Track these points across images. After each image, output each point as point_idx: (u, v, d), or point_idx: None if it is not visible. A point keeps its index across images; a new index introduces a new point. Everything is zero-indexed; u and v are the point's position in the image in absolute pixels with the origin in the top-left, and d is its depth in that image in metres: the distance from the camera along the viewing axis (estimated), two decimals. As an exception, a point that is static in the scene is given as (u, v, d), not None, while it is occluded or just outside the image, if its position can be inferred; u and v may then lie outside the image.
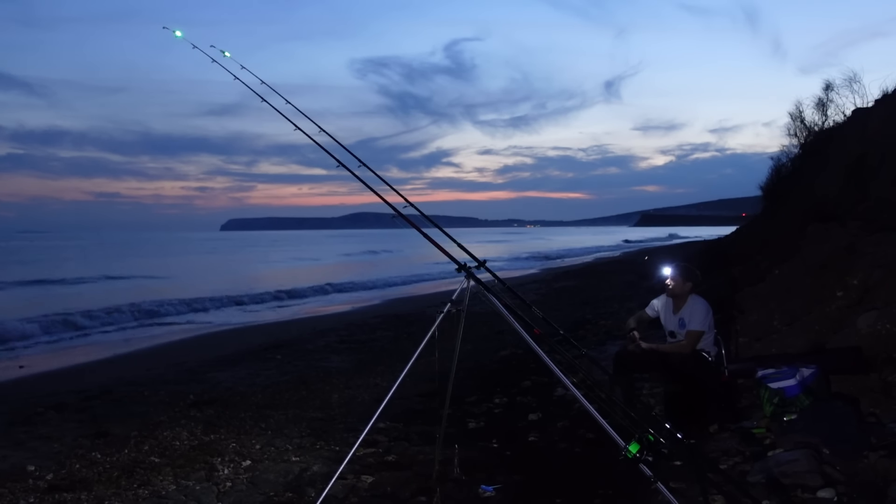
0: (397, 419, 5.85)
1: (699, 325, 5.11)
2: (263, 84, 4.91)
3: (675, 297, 5.33)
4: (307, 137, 4.48)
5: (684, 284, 5.29)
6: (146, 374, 8.84)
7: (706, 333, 5.13)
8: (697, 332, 5.10)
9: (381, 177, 4.30)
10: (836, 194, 10.56)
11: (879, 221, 7.29)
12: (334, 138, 4.56)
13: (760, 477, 3.86)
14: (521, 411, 6.09)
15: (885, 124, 10.59)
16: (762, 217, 17.45)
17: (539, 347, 3.24)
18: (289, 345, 10.85)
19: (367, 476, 4.50)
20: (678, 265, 5.39)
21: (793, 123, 19.13)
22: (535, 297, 16.66)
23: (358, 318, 14.24)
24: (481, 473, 4.44)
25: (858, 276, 6.23)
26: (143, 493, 4.41)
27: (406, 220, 3.99)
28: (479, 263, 3.74)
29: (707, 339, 5.15)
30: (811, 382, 4.63)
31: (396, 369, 5.38)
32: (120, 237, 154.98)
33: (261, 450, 5.30)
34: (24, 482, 4.70)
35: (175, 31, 5.06)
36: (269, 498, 4.30)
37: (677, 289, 5.30)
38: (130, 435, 5.77)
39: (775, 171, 19.30)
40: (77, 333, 13.90)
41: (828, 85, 17.22)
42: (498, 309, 3.41)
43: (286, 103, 4.69)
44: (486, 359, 8.73)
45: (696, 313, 5.14)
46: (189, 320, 15.95)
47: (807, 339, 5.92)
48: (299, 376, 8.30)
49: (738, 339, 6.60)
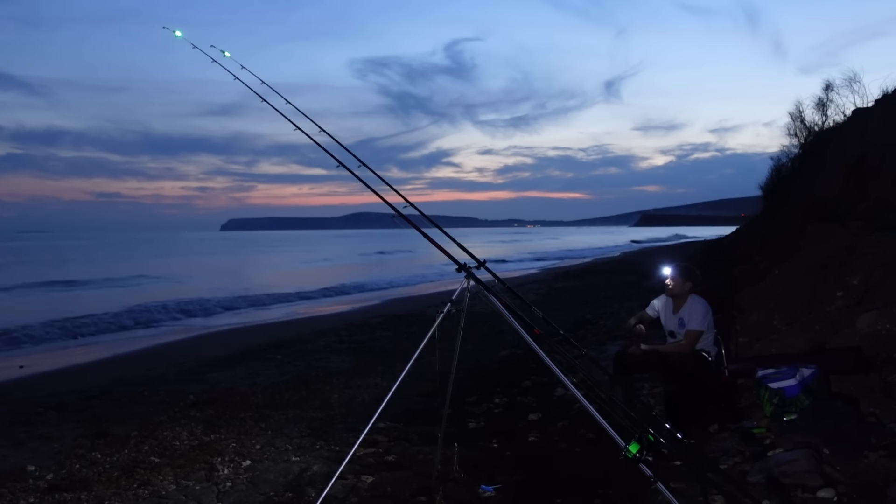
0: (397, 419, 5.84)
1: (699, 325, 5.11)
2: (263, 84, 4.91)
3: (674, 297, 5.33)
4: (307, 137, 4.48)
5: (684, 284, 5.28)
6: (146, 374, 8.83)
7: (706, 333, 5.13)
8: (697, 331, 5.10)
9: (381, 177, 4.30)
10: (836, 194, 10.56)
11: (879, 221, 7.30)
12: (334, 138, 4.56)
13: (760, 477, 3.86)
14: (521, 411, 6.09)
15: (885, 124, 10.60)
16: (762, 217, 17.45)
17: (539, 347, 3.24)
18: (289, 345, 10.84)
19: (367, 476, 4.50)
20: (678, 265, 5.38)
21: (793, 123, 19.16)
22: (535, 297, 16.66)
23: (358, 318, 14.24)
24: (481, 473, 4.44)
25: (858, 276, 6.23)
26: (143, 493, 4.41)
27: (406, 220, 3.99)
28: (479, 263, 3.74)
29: (707, 339, 5.15)
30: (811, 382, 4.63)
31: (396, 369, 5.38)
32: (120, 237, 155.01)
33: (261, 450, 5.29)
34: (24, 482, 4.70)
35: (175, 31, 5.06)
36: (269, 498, 4.30)
37: (677, 289, 5.30)
38: (130, 435, 5.77)
39: (775, 171, 19.32)
40: (77, 334, 13.88)
41: (828, 85, 17.25)
42: (498, 309, 3.41)
43: (286, 103, 4.69)
44: (486, 359, 8.73)
45: (695, 313, 5.14)
46: (190, 321, 15.95)
47: (807, 339, 5.91)
48: (299, 376, 8.30)
49: (738, 339, 6.60)
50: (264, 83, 4.91)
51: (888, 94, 12.71)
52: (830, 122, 17.06)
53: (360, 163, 4.29)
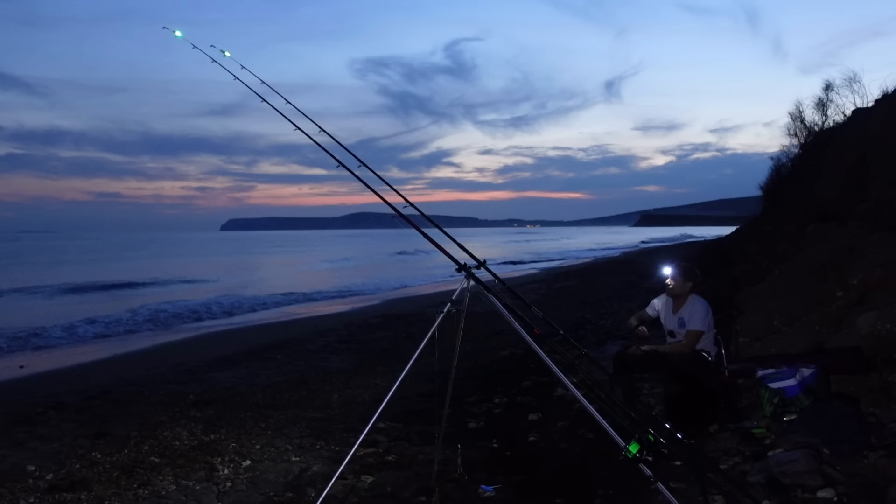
0: (397, 419, 5.84)
1: (699, 325, 5.11)
2: (263, 84, 4.91)
3: (674, 296, 5.33)
4: (307, 137, 4.48)
5: (684, 284, 5.28)
6: (146, 374, 8.83)
7: (706, 333, 5.13)
8: (697, 332, 5.10)
9: (381, 177, 4.30)
10: (836, 194, 10.55)
11: (879, 221, 7.29)
12: (334, 138, 4.56)
13: (760, 477, 3.86)
14: (521, 411, 6.09)
15: (885, 124, 10.59)
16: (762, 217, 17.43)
17: (539, 347, 3.24)
18: (289, 345, 10.85)
19: (367, 476, 4.50)
20: (678, 265, 5.39)
21: (793, 123, 19.14)
22: (535, 297, 16.66)
23: (358, 318, 14.24)
24: (481, 473, 4.44)
25: (858, 276, 6.22)
26: (143, 493, 4.41)
27: (406, 220, 3.98)
28: (479, 263, 3.74)
29: (707, 339, 5.15)
30: (811, 382, 4.63)
31: (396, 369, 5.38)
32: (120, 237, 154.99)
33: (261, 450, 5.30)
34: (24, 482, 4.70)
35: (175, 31, 5.06)
36: (269, 498, 4.30)
37: (677, 289, 5.30)
38: (130, 435, 5.77)
39: (775, 171, 19.29)
40: (77, 334, 13.88)
41: (828, 85, 17.24)
42: (498, 309, 3.41)
43: (286, 103, 4.69)
44: (486, 359, 8.73)
45: (695, 313, 5.14)
46: (190, 321, 15.94)
47: (807, 339, 5.91)
48: (299, 376, 8.30)
49: (738, 339, 6.60)
50: (264, 83, 4.91)
51: (888, 94, 12.71)
52: (830, 122, 17.05)
53: (360, 163, 4.29)
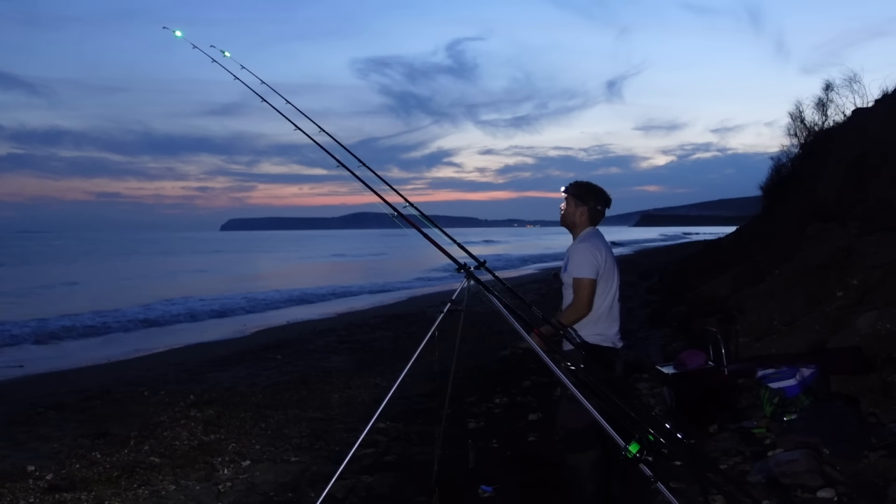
0: (397, 419, 5.84)
1: (582, 271, 3.46)
2: (264, 84, 4.91)
3: (568, 228, 3.75)
4: (308, 137, 4.48)
5: (576, 209, 3.66)
6: (146, 374, 8.83)
7: (603, 294, 3.48)
8: (579, 280, 3.46)
9: (382, 177, 4.29)
10: (836, 194, 10.55)
11: (879, 221, 7.28)
12: (334, 138, 4.56)
13: (760, 477, 3.86)
14: (521, 411, 6.09)
15: (885, 124, 10.59)
16: (762, 217, 17.42)
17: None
18: (289, 345, 10.84)
19: (367, 476, 4.50)
20: (574, 181, 3.76)
21: (793, 123, 19.09)
22: (535, 297, 16.65)
23: (358, 318, 14.24)
24: (481, 473, 4.44)
25: (858, 276, 6.23)
26: (143, 493, 4.41)
27: (406, 220, 3.98)
28: (479, 263, 3.73)
29: (606, 311, 3.49)
30: (811, 382, 4.63)
31: (396, 369, 5.38)
32: (120, 237, 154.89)
33: (260, 450, 5.29)
34: (24, 482, 4.70)
35: (175, 31, 5.06)
36: (269, 498, 4.30)
37: (568, 216, 3.70)
38: (130, 435, 5.77)
39: (775, 171, 19.25)
40: (77, 334, 13.87)
41: (828, 85, 17.20)
42: (498, 309, 3.40)
43: (286, 103, 4.68)
44: (486, 359, 8.73)
45: (577, 251, 3.55)
46: (190, 321, 15.93)
47: (807, 339, 5.91)
48: (299, 376, 8.30)
49: (738, 339, 6.60)
50: (264, 83, 4.90)
51: (888, 94, 12.69)
52: (830, 122, 17.02)
53: (360, 163, 4.29)
